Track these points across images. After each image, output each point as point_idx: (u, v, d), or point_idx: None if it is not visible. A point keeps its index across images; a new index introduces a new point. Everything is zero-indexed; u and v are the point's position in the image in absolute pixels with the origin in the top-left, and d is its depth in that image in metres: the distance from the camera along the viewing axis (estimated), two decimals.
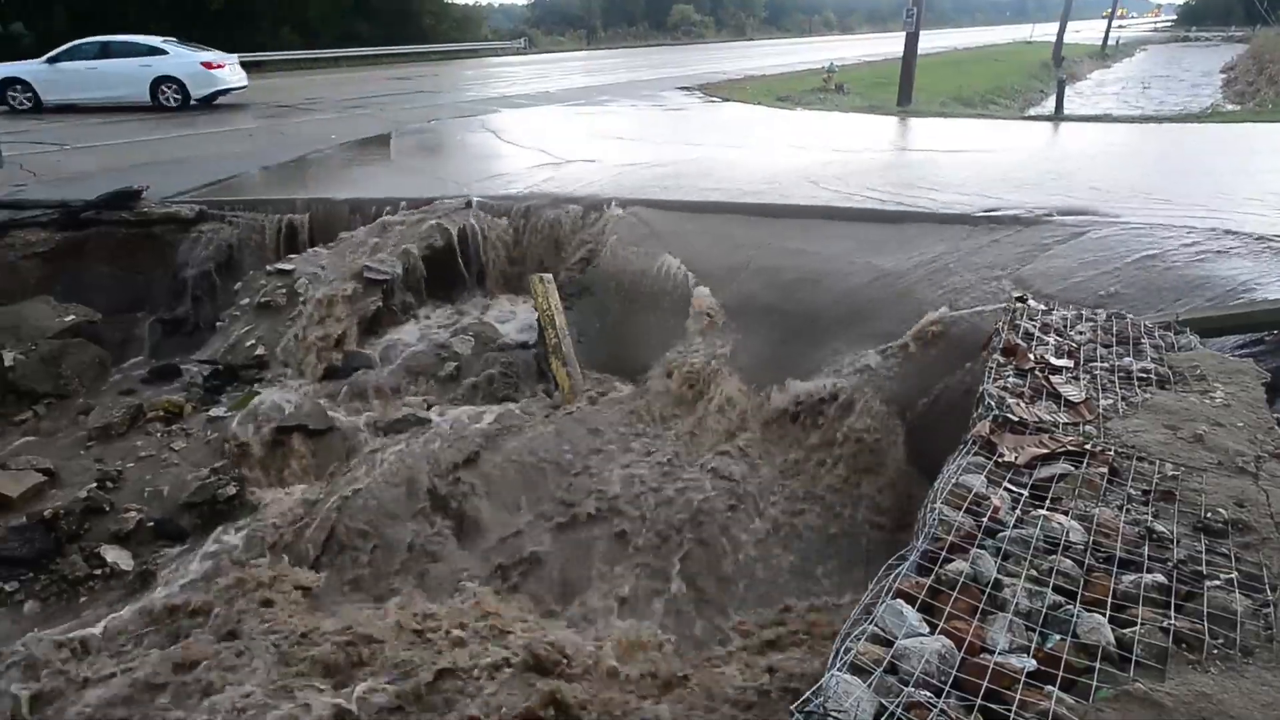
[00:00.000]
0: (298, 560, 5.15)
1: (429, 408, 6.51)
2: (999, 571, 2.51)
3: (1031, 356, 4.01)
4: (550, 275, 7.32)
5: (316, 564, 5.15)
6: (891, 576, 2.46)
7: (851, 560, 4.94)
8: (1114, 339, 4.24)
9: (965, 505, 2.83)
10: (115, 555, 5.41)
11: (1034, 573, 2.50)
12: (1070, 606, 2.34)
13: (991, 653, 2.19)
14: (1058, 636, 2.24)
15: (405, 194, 9.03)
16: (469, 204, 8.58)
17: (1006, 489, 2.95)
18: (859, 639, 2.19)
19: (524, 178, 9.85)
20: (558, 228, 8.27)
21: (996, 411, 3.47)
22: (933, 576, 2.47)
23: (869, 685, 2.03)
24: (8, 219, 8.92)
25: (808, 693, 1.96)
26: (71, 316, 7.99)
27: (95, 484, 5.83)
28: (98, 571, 5.30)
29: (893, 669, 2.12)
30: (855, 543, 5.10)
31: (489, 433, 5.97)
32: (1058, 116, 15.64)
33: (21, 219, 8.87)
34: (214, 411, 6.59)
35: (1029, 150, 11.33)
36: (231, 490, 5.77)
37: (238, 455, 6.07)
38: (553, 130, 14.15)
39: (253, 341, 7.30)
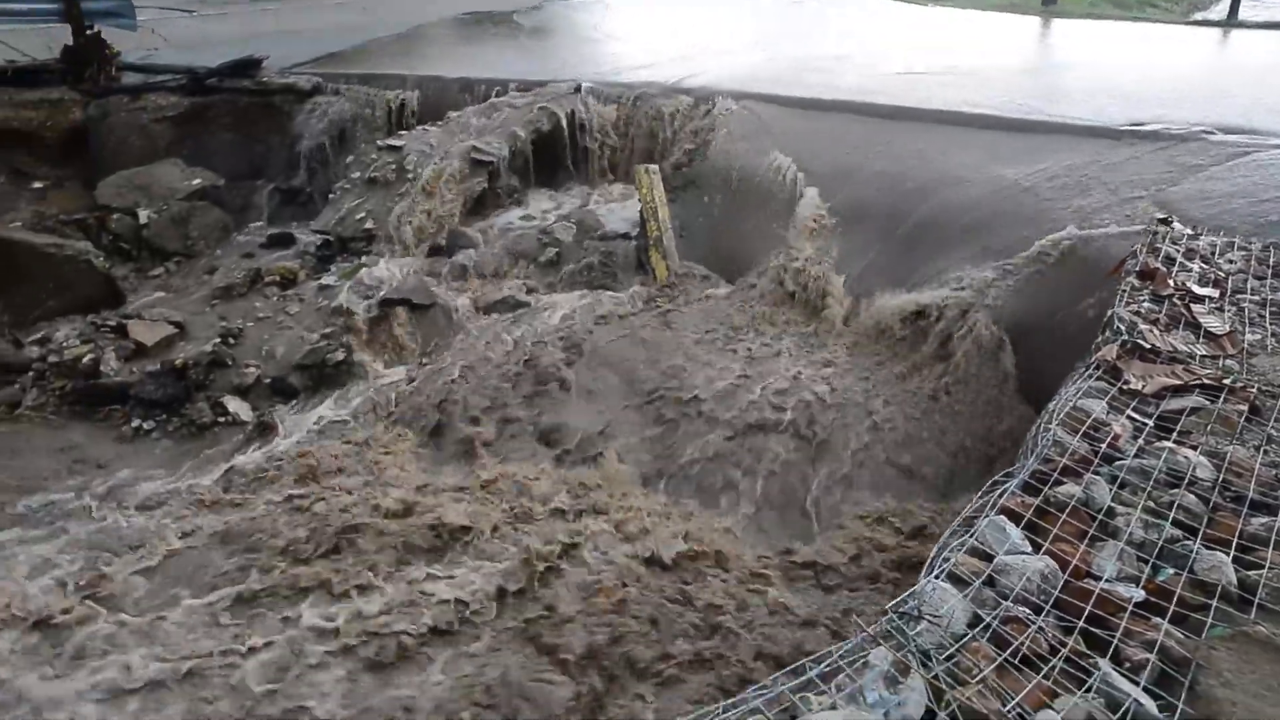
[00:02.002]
0: (397, 427, 5.39)
1: (528, 291, 6.60)
2: (1113, 500, 2.40)
3: (1171, 282, 3.71)
4: (656, 166, 7.17)
5: (414, 434, 5.39)
6: (997, 493, 2.39)
7: (943, 480, 4.84)
8: (1269, 271, 3.88)
9: (1083, 430, 2.70)
10: (236, 406, 5.80)
11: (1151, 504, 2.38)
12: (1189, 542, 2.22)
13: (1097, 579, 2.12)
14: (1171, 570, 2.15)
15: (515, 75, 8.91)
16: (578, 89, 8.40)
17: (1130, 417, 2.79)
18: (958, 550, 2.15)
19: (636, 64, 9.55)
20: (667, 118, 8.03)
21: (1126, 337, 3.25)
22: (1041, 497, 2.38)
23: (966, 595, 2.00)
24: (141, 83, 9.28)
25: (904, 595, 1.95)
26: (198, 180, 8.36)
27: (219, 339, 6.21)
28: (221, 419, 5.71)
29: (990, 582, 2.08)
30: (949, 463, 4.98)
31: (585, 320, 6.02)
32: (1229, 23, 13.98)
33: (153, 83, 9.22)
34: (325, 280, 6.86)
35: (1190, 60, 10.23)
36: (339, 356, 6.05)
37: (345, 323, 6.33)
38: (670, 16, 13.59)
39: (362, 215, 7.49)
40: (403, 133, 8.26)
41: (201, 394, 5.86)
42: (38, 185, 8.36)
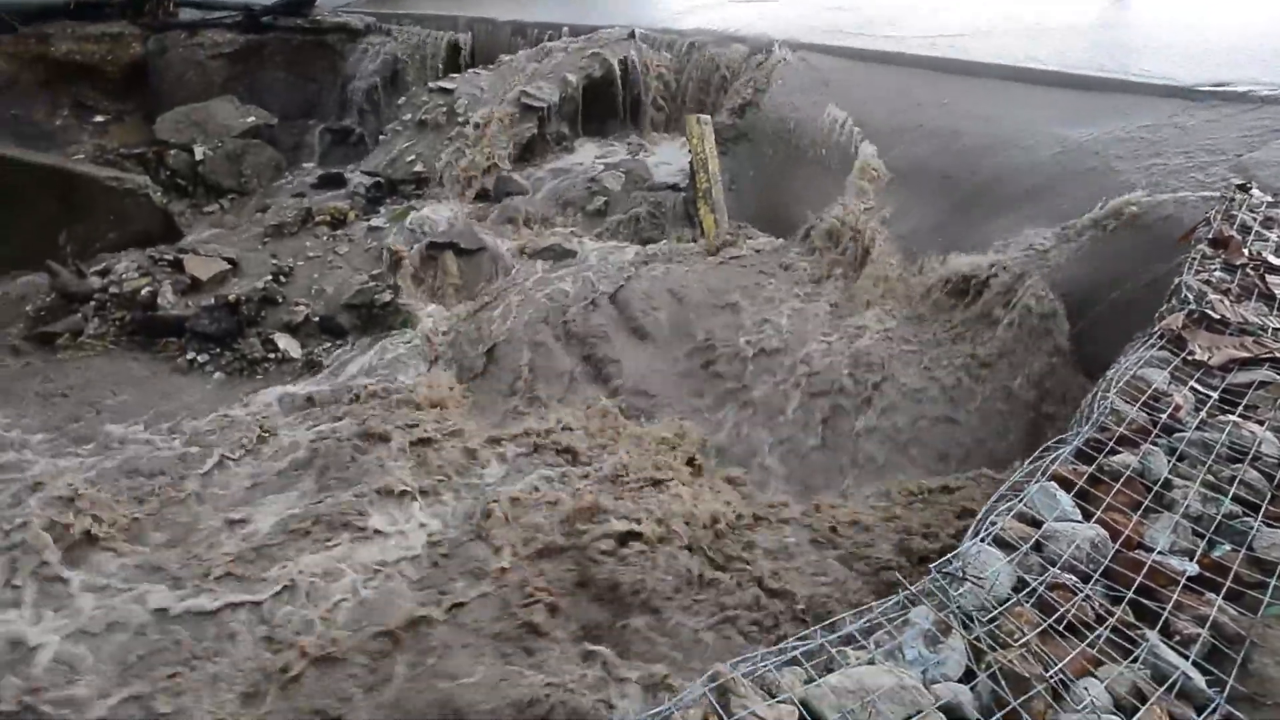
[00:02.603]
0: (440, 367, 5.46)
1: (575, 239, 6.58)
2: (1170, 472, 2.34)
3: (1246, 252, 3.55)
4: (708, 117, 7.04)
5: (457, 372, 5.46)
6: (1049, 459, 2.33)
7: (986, 447, 4.76)
8: None
9: (1142, 400, 2.62)
10: (286, 343, 5.92)
11: (1211, 478, 2.30)
12: (1250, 519, 2.15)
13: (1149, 551, 2.07)
14: (1228, 546, 2.09)
15: (568, 19, 8.77)
16: (632, 34, 8.25)
17: (1193, 389, 2.70)
18: (1005, 515, 2.11)
19: (691, 10, 9.31)
20: (721, 67, 7.86)
21: (1194, 306, 3.12)
22: (1095, 466, 2.32)
23: (1012, 560, 1.97)
24: (199, 19, 9.34)
25: (948, 555, 1.93)
26: (252, 118, 8.45)
27: (270, 276, 6.32)
28: (271, 355, 5.84)
29: (1038, 548, 2.05)
30: (992, 430, 4.89)
31: (631, 270, 5.99)
32: None
33: (210, 19, 9.27)
34: (374, 221, 6.91)
35: None
36: (387, 297, 6.12)
37: (394, 265, 6.39)
38: None
39: (412, 158, 7.50)
40: (454, 75, 8.23)
41: (253, 330, 5.99)
42: (99, 119, 8.53)
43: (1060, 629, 1.78)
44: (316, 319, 6.04)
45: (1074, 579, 1.93)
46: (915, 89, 7.04)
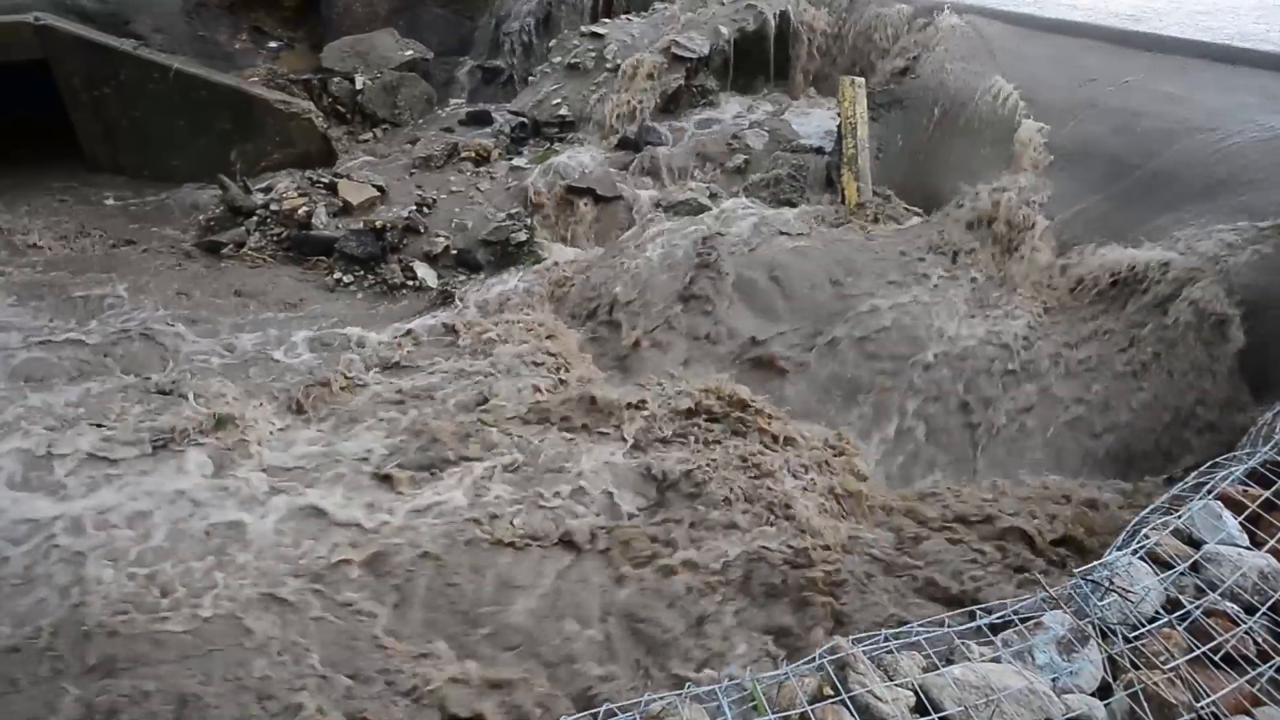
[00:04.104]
0: (565, 313, 5.55)
1: (711, 195, 6.50)
2: None
3: None
4: (862, 80, 6.73)
5: (581, 320, 5.53)
6: (1218, 477, 2.15)
7: (1133, 454, 4.45)
8: None
9: None
10: (424, 272, 6.17)
11: None
12: None
13: None
14: None
15: None
16: None
17: None
18: (1163, 529, 1.97)
19: None
20: (881, 28, 7.49)
21: None
22: (1272, 490, 2.12)
23: (1166, 579, 1.83)
24: None
25: (1094, 563, 1.81)
26: (410, 52, 8.71)
27: (415, 207, 6.57)
28: (410, 282, 6.11)
29: (1195, 569, 1.90)
30: (1141, 440, 4.56)
31: (765, 233, 5.87)
32: None
33: None
34: (516, 161, 7.05)
35: None
36: (522, 236, 6.25)
37: (532, 206, 6.51)
38: None
39: (558, 101, 7.57)
40: (606, 21, 8.20)
41: (395, 256, 6.27)
42: (273, 45, 9.01)
43: (1216, 659, 1.65)
44: (454, 251, 6.25)
45: (1236, 608, 1.78)
46: (1092, 64, 6.50)
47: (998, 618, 1.69)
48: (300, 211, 6.52)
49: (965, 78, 6.75)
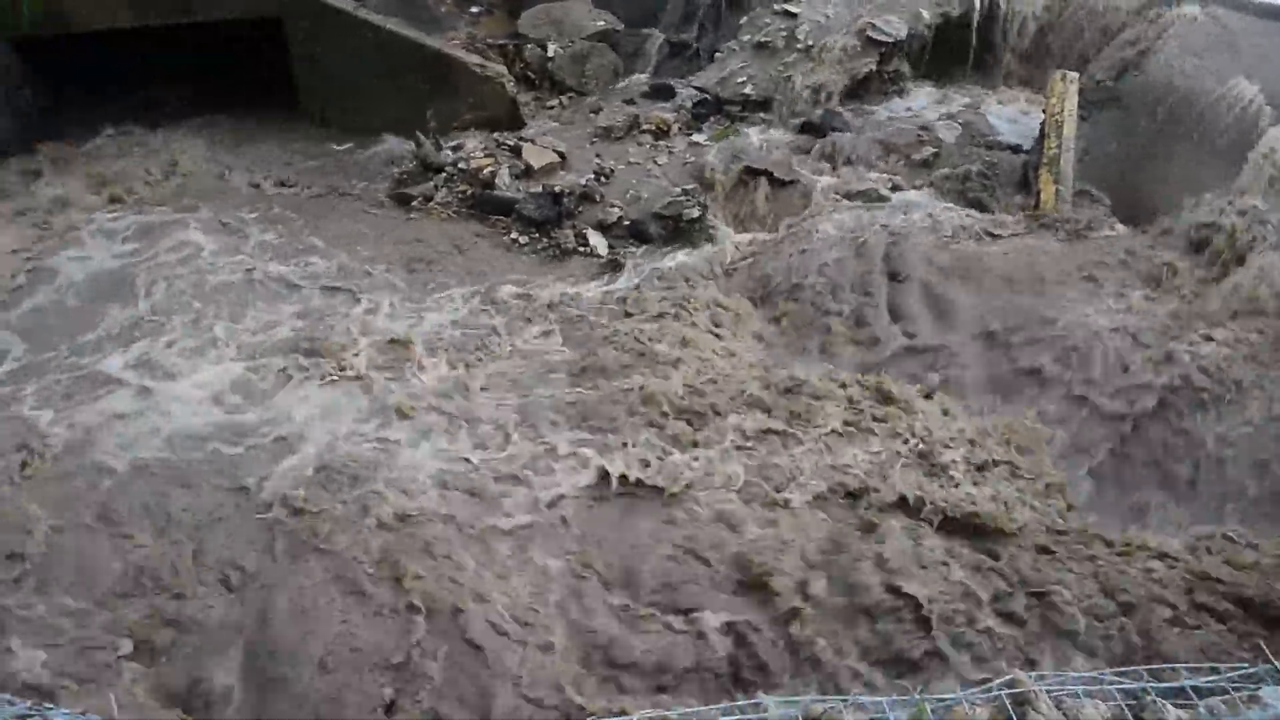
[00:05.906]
0: (737, 294, 5.52)
1: (893, 187, 6.23)
2: None
3: None
4: (1076, 75, 6.23)
5: (752, 301, 5.48)
6: None
7: None
8: None
9: None
10: (596, 240, 6.30)
11: None
12: None
13: None
14: None
15: None
16: None
17: None
18: None
19: None
20: (1104, 17, 6.87)
21: None
22: None
23: None
24: None
25: None
26: (601, 22, 8.84)
27: (593, 175, 6.71)
28: (581, 249, 6.25)
29: None
30: None
31: (949, 231, 5.58)
32: None
33: None
34: (695, 137, 7.04)
35: None
36: (695, 213, 6.24)
37: (706, 184, 6.48)
38: None
39: (744, 79, 7.47)
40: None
41: (569, 222, 6.43)
42: (475, 10, 9.40)
43: None
44: (627, 222, 6.33)
45: None
46: None
47: (1206, 681, 1.53)
48: (485, 171, 6.80)
49: (1199, 77, 6.11)
